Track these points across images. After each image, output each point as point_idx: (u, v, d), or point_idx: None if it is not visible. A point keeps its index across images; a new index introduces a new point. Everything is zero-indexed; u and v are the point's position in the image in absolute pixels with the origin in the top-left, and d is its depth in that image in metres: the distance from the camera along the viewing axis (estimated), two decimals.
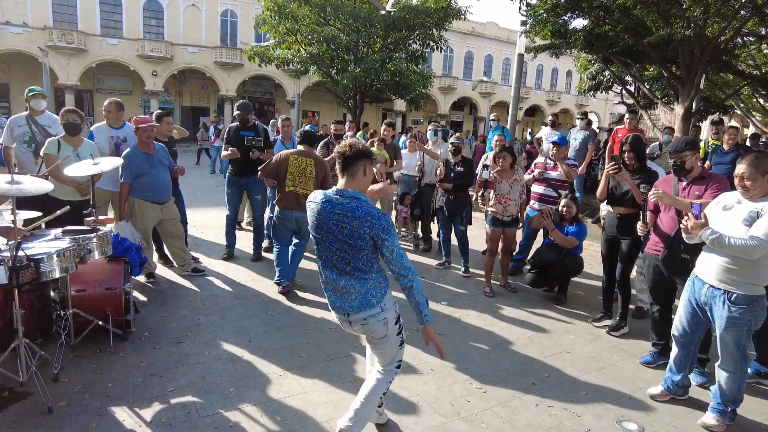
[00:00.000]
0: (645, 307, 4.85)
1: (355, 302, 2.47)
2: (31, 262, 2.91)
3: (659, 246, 3.62)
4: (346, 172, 2.47)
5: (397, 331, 2.59)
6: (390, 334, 2.55)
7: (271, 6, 15.07)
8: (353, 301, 2.47)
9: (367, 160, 2.48)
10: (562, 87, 44.20)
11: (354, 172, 2.46)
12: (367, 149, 2.50)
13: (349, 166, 2.45)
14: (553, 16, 10.15)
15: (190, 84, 31.68)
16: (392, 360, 2.65)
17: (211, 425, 2.80)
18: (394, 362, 2.66)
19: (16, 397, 2.93)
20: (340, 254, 2.44)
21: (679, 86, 9.92)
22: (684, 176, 3.52)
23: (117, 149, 5.11)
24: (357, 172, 2.46)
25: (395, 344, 2.61)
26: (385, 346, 2.59)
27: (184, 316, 4.28)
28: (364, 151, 2.47)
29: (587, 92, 18.65)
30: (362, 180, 2.49)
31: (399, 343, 2.63)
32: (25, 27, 25.64)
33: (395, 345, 2.61)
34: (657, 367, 3.81)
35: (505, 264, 5.51)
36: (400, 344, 2.64)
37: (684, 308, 3.18)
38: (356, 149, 2.46)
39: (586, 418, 3.12)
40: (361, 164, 2.45)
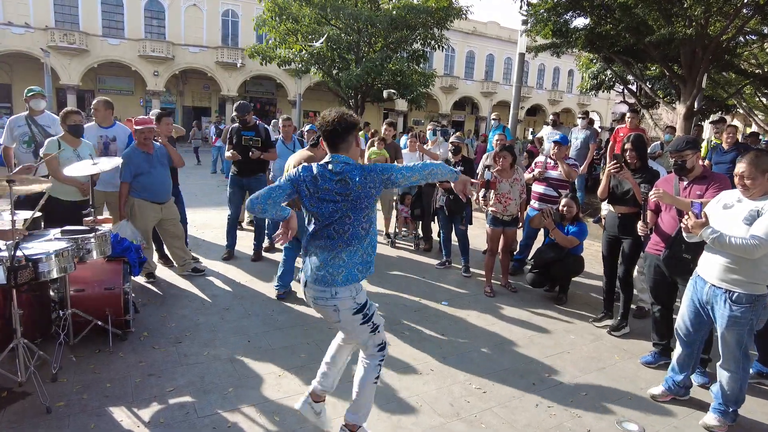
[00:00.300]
0: (646, 307, 4.83)
1: (340, 277, 2.37)
2: (30, 262, 2.90)
3: (660, 246, 3.60)
4: (340, 146, 2.38)
5: (361, 321, 2.46)
6: (344, 321, 2.45)
7: (271, 7, 15.07)
8: (338, 275, 2.36)
9: (356, 129, 2.42)
10: (564, 86, 44.15)
11: (348, 147, 2.39)
12: (355, 118, 2.42)
13: (341, 142, 2.37)
14: (554, 15, 10.12)
15: (192, 84, 31.73)
16: (367, 343, 2.55)
17: (209, 425, 2.79)
18: (373, 346, 2.56)
19: (15, 397, 2.93)
20: (340, 222, 2.35)
21: (681, 85, 9.88)
22: (685, 175, 3.51)
23: (106, 149, 5.07)
24: (351, 147, 2.40)
25: (362, 332, 2.50)
26: (348, 331, 2.53)
27: (183, 316, 4.28)
28: (353, 122, 2.40)
29: (589, 92, 18.64)
30: (356, 151, 2.44)
31: (368, 331, 2.51)
32: (27, 27, 25.70)
33: (362, 332, 2.50)
34: (658, 368, 3.79)
35: (506, 264, 5.50)
36: (372, 330, 2.51)
37: (687, 307, 3.16)
38: (347, 122, 2.36)
39: (587, 418, 3.10)
40: (351, 137, 2.39)
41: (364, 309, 2.46)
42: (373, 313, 2.53)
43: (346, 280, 2.37)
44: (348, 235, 2.36)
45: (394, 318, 4.49)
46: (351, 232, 2.36)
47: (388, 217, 7.33)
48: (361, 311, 2.44)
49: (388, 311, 4.64)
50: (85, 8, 27.15)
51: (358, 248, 2.39)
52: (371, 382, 2.58)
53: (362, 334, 2.51)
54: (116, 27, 28.25)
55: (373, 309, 2.54)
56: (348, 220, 2.35)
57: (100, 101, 5.23)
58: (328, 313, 2.46)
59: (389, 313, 4.60)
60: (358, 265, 2.41)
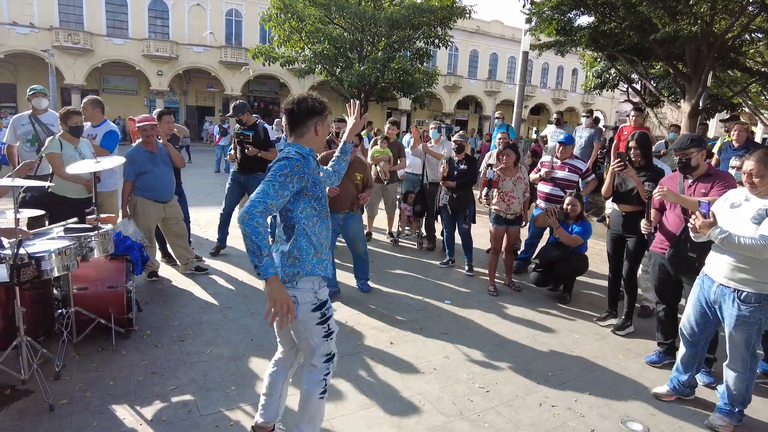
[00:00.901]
0: (651, 306, 4.80)
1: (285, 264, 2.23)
2: (32, 259, 2.90)
3: (665, 244, 3.57)
4: (294, 132, 2.21)
5: (317, 320, 2.27)
6: (301, 319, 2.23)
7: (278, 4, 15.08)
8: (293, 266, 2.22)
9: (320, 117, 2.21)
10: (568, 85, 44.04)
11: (303, 132, 2.21)
12: (319, 104, 2.21)
13: (297, 126, 2.21)
14: (557, 14, 10.09)
15: (195, 83, 31.80)
16: (314, 352, 2.33)
17: (211, 424, 2.79)
18: (321, 355, 2.34)
19: (18, 395, 2.94)
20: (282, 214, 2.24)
21: (686, 84, 9.83)
22: (689, 174, 3.48)
23: None
24: (307, 133, 2.21)
25: (315, 334, 2.29)
26: (299, 331, 2.30)
27: (186, 314, 4.28)
28: (316, 107, 2.20)
29: (593, 90, 18.55)
30: (315, 141, 2.24)
31: (323, 333, 2.31)
32: (31, 27, 25.81)
33: (315, 335, 2.29)
34: (663, 367, 3.77)
35: (509, 263, 5.47)
36: (325, 335, 2.31)
37: (693, 307, 3.13)
38: (306, 105, 2.18)
39: (591, 417, 3.08)
40: (311, 123, 2.20)
41: (323, 308, 2.30)
42: (330, 315, 2.36)
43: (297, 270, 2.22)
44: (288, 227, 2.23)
45: (396, 317, 4.48)
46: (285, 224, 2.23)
47: (391, 216, 7.32)
48: (320, 309, 2.28)
49: (391, 310, 4.63)
50: (89, 8, 27.25)
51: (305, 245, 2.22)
52: (316, 397, 2.36)
53: (314, 337, 2.30)
54: (120, 27, 28.34)
55: (332, 312, 2.38)
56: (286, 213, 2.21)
57: (87, 100, 5.27)
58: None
59: (391, 312, 4.59)
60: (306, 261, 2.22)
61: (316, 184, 2.22)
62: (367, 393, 3.19)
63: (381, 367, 3.54)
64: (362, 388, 3.25)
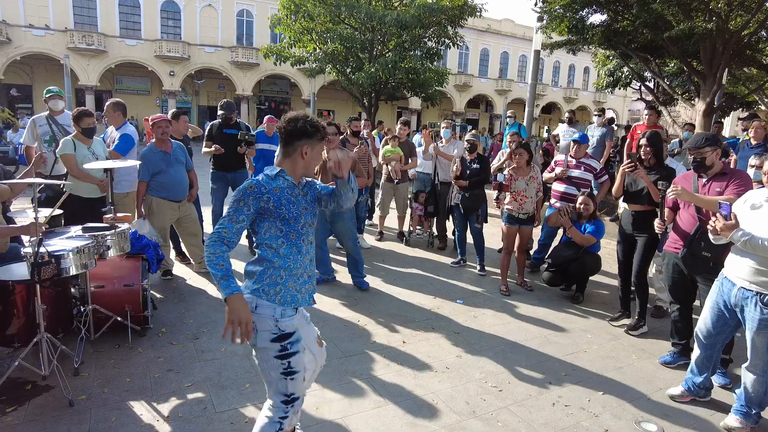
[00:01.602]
0: (664, 307, 4.77)
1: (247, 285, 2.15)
2: (52, 258, 2.96)
3: (679, 244, 3.54)
4: (282, 152, 2.16)
5: (275, 353, 2.07)
6: (259, 347, 2.08)
7: (287, 5, 15.15)
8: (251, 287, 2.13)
9: (308, 141, 2.11)
10: (580, 84, 43.69)
11: (289, 153, 2.14)
12: (311, 127, 2.11)
13: (285, 146, 2.14)
14: (569, 12, 10.02)
15: (207, 84, 32.04)
16: (274, 388, 2.14)
17: (226, 421, 2.82)
18: (279, 394, 2.14)
19: (38, 390, 3.00)
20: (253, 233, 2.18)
21: (701, 81, 9.72)
22: (704, 173, 3.44)
23: None
24: (293, 154, 2.13)
25: (273, 368, 2.09)
26: (259, 359, 2.13)
27: (200, 312, 4.33)
28: (304, 130, 2.09)
29: (605, 89, 18.38)
30: (298, 163, 2.14)
31: (280, 371, 2.09)
32: (47, 29, 26.21)
33: (273, 369, 2.09)
34: (677, 368, 3.74)
35: (522, 262, 5.46)
36: (284, 372, 2.09)
37: (710, 309, 3.09)
38: (295, 126, 2.09)
39: (604, 418, 3.07)
40: (299, 145, 2.11)
41: (285, 341, 2.08)
42: (295, 352, 2.10)
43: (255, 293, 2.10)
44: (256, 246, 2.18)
45: (408, 316, 4.49)
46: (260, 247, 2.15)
47: (402, 215, 7.33)
48: (280, 341, 2.07)
49: (403, 310, 4.64)
50: (103, 10, 27.62)
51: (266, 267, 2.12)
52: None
53: (271, 372, 2.10)
54: (133, 28, 28.67)
55: (297, 349, 2.12)
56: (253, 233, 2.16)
57: (108, 103, 5.33)
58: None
59: (404, 312, 4.61)
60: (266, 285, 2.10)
61: (282, 205, 2.09)
62: (380, 391, 3.21)
63: (394, 366, 3.55)
64: (375, 386, 3.27)
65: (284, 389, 2.13)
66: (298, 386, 2.16)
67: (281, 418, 2.15)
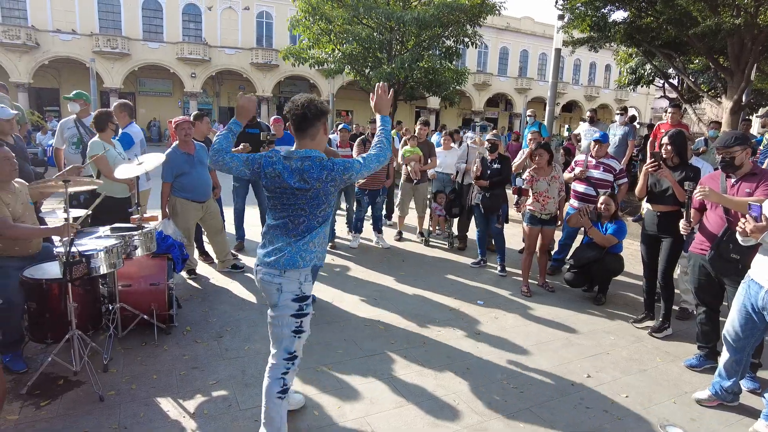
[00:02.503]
0: (690, 309, 4.68)
1: (282, 260, 2.32)
2: (83, 257, 3.05)
3: (705, 245, 3.47)
4: (305, 134, 2.30)
5: (293, 311, 2.36)
6: (281, 305, 2.36)
7: (305, 7, 15.26)
8: (281, 257, 2.32)
9: (325, 117, 2.33)
10: (601, 81, 43.03)
11: (314, 134, 2.31)
12: (326, 106, 2.33)
13: (308, 128, 2.30)
14: (591, 9, 9.88)
15: (227, 85, 32.46)
16: (281, 344, 2.43)
17: (250, 418, 2.87)
18: (285, 350, 2.43)
19: (70, 385, 3.09)
20: (293, 217, 2.32)
21: (728, 78, 9.49)
22: (733, 173, 3.37)
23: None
24: (318, 134, 2.33)
25: (287, 325, 2.39)
26: (276, 320, 2.40)
27: (223, 311, 4.40)
28: (323, 109, 2.31)
29: (627, 87, 18.08)
30: (323, 140, 2.37)
31: (293, 328, 2.39)
32: (73, 34, 26.90)
33: (287, 326, 2.39)
34: (703, 371, 3.67)
35: (543, 263, 5.41)
36: (295, 331, 2.40)
37: (738, 312, 3.03)
38: (317, 108, 2.28)
39: (628, 421, 3.03)
40: (320, 124, 2.31)
41: (303, 302, 2.39)
42: (308, 314, 2.43)
43: (293, 263, 2.32)
44: (302, 227, 2.34)
45: (428, 317, 4.50)
46: (305, 225, 2.34)
47: (421, 215, 7.33)
48: (299, 301, 2.37)
49: (423, 310, 4.65)
50: (127, 14, 28.21)
51: (309, 239, 2.35)
52: (274, 396, 2.44)
53: (285, 329, 2.40)
54: (156, 31, 29.22)
55: (309, 311, 2.45)
56: (304, 214, 2.32)
57: (116, 104, 5.44)
58: (270, 293, 2.37)
59: (423, 311, 4.61)
60: (307, 253, 2.36)
61: None
62: (401, 391, 3.22)
63: (415, 366, 3.57)
64: (396, 386, 3.29)
65: (290, 347, 2.43)
66: (300, 345, 2.48)
67: (283, 374, 2.44)
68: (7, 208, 3.13)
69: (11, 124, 4.26)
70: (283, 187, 2.29)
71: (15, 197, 3.28)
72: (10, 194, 3.25)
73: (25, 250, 3.33)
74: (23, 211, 3.28)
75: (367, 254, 6.41)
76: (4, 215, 3.09)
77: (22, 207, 3.30)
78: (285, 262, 2.32)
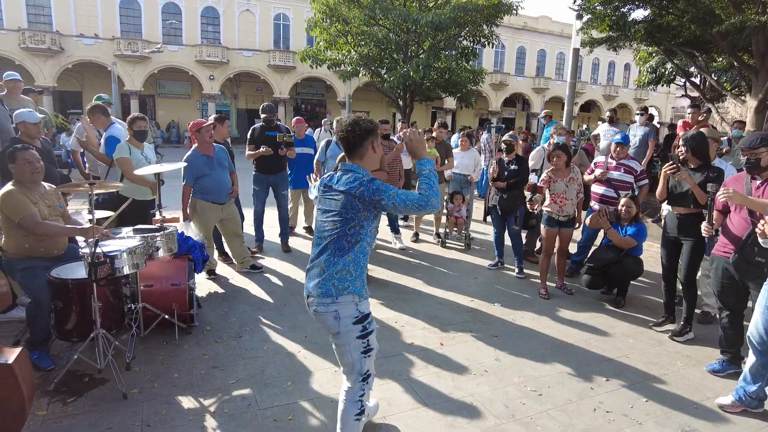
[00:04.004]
0: (712, 312, 4.59)
1: (318, 288, 2.30)
2: (107, 258, 3.12)
3: (729, 248, 3.41)
4: (354, 154, 2.34)
5: (357, 333, 2.32)
6: (343, 331, 2.30)
7: (322, 9, 15.35)
8: (317, 285, 2.31)
9: (374, 136, 2.34)
10: (620, 81, 42.41)
11: (362, 154, 2.34)
12: (371, 125, 2.34)
13: (355, 149, 2.33)
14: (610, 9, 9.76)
15: (245, 87, 32.79)
16: (353, 368, 2.39)
17: (270, 418, 2.91)
18: (359, 373, 2.40)
19: (94, 383, 3.17)
20: (328, 227, 2.30)
21: (752, 77, 9.29)
22: (758, 174, 3.30)
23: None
24: (366, 153, 2.34)
25: (355, 349, 2.35)
26: (343, 347, 2.36)
27: (243, 311, 4.46)
28: (368, 128, 2.32)
29: (647, 86, 17.79)
30: (374, 158, 2.37)
31: (361, 350, 2.35)
32: (96, 38, 27.49)
33: (355, 350, 2.35)
34: (726, 377, 3.60)
35: (562, 265, 5.36)
36: (363, 351, 2.36)
37: (762, 315, 2.98)
38: (360, 128, 2.31)
39: (648, 425, 3.00)
40: (368, 143, 2.32)
41: (365, 321, 2.34)
42: (371, 331, 2.39)
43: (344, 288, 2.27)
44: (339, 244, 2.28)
45: (446, 318, 4.50)
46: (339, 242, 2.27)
47: (438, 216, 7.32)
48: (361, 322, 2.32)
49: (440, 312, 4.65)
50: (147, 18, 28.72)
51: (352, 260, 2.28)
52: (352, 418, 2.41)
53: (354, 352, 2.35)
54: (175, 34, 29.64)
55: (373, 327, 2.40)
56: (337, 231, 2.27)
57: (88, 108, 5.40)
58: (328, 322, 2.32)
59: (441, 313, 4.61)
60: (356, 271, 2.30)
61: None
62: (419, 393, 3.23)
63: (432, 368, 3.57)
64: (414, 388, 3.30)
65: (362, 368, 2.39)
66: (372, 364, 2.45)
67: (360, 397, 2.42)
68: (35, 207, 3.23)
69: (38, 128, 4.39)
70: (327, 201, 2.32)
71: (42, 199, 3.38)
72: (37, 195, 3.35)
73: (51, 251, 3.43)
74: (49, 213, 3.38)
75: (384, 255, 6.43)
76: (32, 212, 3.19)
77: (49, 209, 3.40)
78: (337, 287, 2.27)
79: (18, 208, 3.16)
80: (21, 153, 3.29)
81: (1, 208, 3.19)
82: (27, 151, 3.33)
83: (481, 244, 7.16)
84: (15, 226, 3.22)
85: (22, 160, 3.26)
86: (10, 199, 3.18)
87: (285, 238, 6.48)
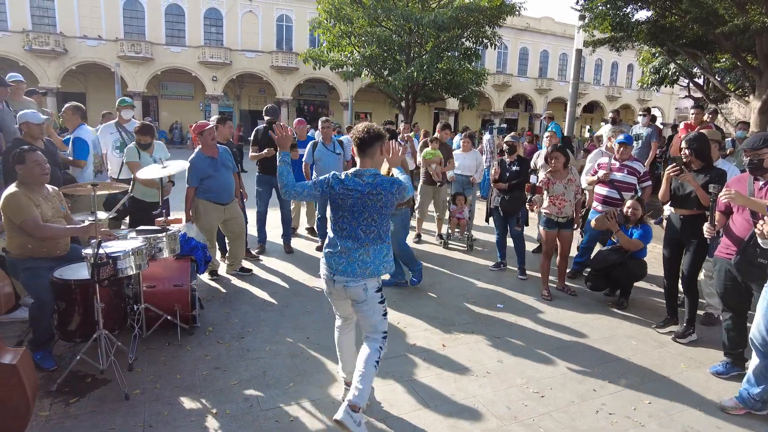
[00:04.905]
0: (716, 314, 4.58)
1: (368, 270, 2.72)
2: (110, 259, 3.13)
3: (731, 249, 3.40)
4: (365, 154, 2.77)
5: (379, 299, 2.82)
6: (369, 300, 2.77)
7: (328, 8, 15.37)
8: (367, 269, 2.72)
9: (383, 140, 2.79)
10: (623, 82, 42.30)
11: (373, 154, 2.77)
12: (381, 131, 2.80)
13: (367, 148, 2.76)
14: (612, 9, 9.74)
15: (248, 88, 32.85)
16: (377, 329, 2.85)
17: (272, 419, 2.91)
18: (381, 332, 2.86)
19: (97, 383, 3.18)
20: (367, 225, 2.72)
21: (756, 77, 9.26)
22: (761, 175, 3.29)
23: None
24: (375, 155, 2.78)
25: (377, 312, 2.83)
26: (368, 311, 2.81)
27: (245, 312, 4.46)
28: (380, 133, 2.78)
29: (650, 87, 17.75)
30: (380, 159, 2.83)
31: (382, 312, 2.84)
32: (99, 40, 27.59)
33: (377, 313, 2.83)
34: (729, 379, 3.59)
35: (563, 267, 5.35)
36: (383, 313, 2.86)
37: (764, 316, 2.96)
38: (373, 133, 2.76)
39: (651, 427, 2.99)
40: (378, 145, 2.76)
41: (382, 290, 2.86)
42: (385, 299, 2.89)
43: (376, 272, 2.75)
44: (373, 235, 2.74)
45: (448, 319, 4.49)
46: (375, 234, 2.74)
47: (441, 218, 7.32)
48: (380, 291, 2.83)
49: (442, 313, 4.65)
50: (150, 19, 28.81)
51: (386, 248, 2.80)
52: (373, 363, 2.78)
53: (376, 315, 2.82)
54: (178, 35, 29.73)
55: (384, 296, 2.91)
56: (374, 223, 2.73)
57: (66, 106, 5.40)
58: (357, 293, 2.76)
59: (443, 314, 4.61)
60: (387, 260, 2.81)
61: None
62: (421, 394, 3.23)
63: (434, 369, 3.57)
64: (416, 389, 3.29)
65: (383, 327, 2.87)
66: (387, 324, 2.93)
67: (380, 348, 2.84)
68: (38, 210, 3.24)
69: (41, 129, 4.40)
70: (355, 198, 2.69)
71: (46, 201, 3.39)
72: (41, 197, 3.36)
73: (53, 252, 3.43)
74: (52, 215, 3.39)
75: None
76: (35, 216, 3.20)
77: (52, 211, 3.41)
78: (372, 272, 2.74)
79: (21, 210, 3.17)
80: (30, 154, 3.30)
81: (4, 209, 3.21)
82: (35, 152, 3.35)
83: (483, 246, 7.16)
84: (18, 227, 3.23)
85: (32, 161, 3.27)
86: (13, 201, 3.19)
87: (287, 239, 6.50)
